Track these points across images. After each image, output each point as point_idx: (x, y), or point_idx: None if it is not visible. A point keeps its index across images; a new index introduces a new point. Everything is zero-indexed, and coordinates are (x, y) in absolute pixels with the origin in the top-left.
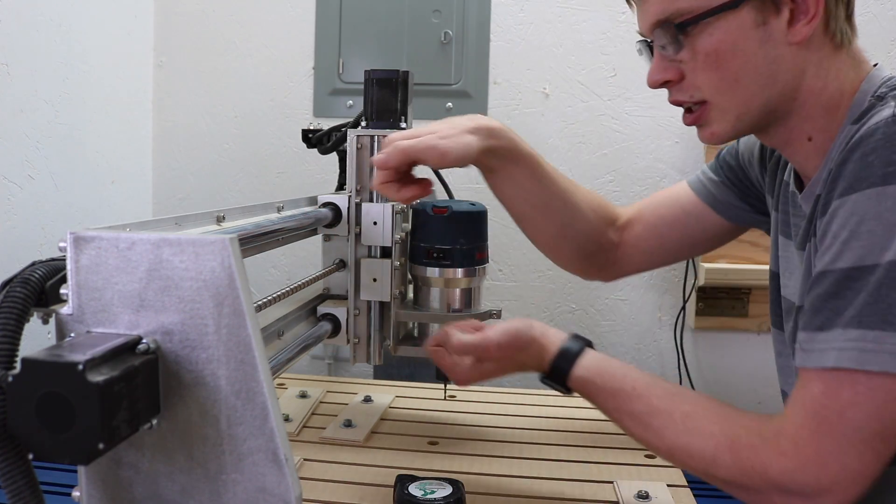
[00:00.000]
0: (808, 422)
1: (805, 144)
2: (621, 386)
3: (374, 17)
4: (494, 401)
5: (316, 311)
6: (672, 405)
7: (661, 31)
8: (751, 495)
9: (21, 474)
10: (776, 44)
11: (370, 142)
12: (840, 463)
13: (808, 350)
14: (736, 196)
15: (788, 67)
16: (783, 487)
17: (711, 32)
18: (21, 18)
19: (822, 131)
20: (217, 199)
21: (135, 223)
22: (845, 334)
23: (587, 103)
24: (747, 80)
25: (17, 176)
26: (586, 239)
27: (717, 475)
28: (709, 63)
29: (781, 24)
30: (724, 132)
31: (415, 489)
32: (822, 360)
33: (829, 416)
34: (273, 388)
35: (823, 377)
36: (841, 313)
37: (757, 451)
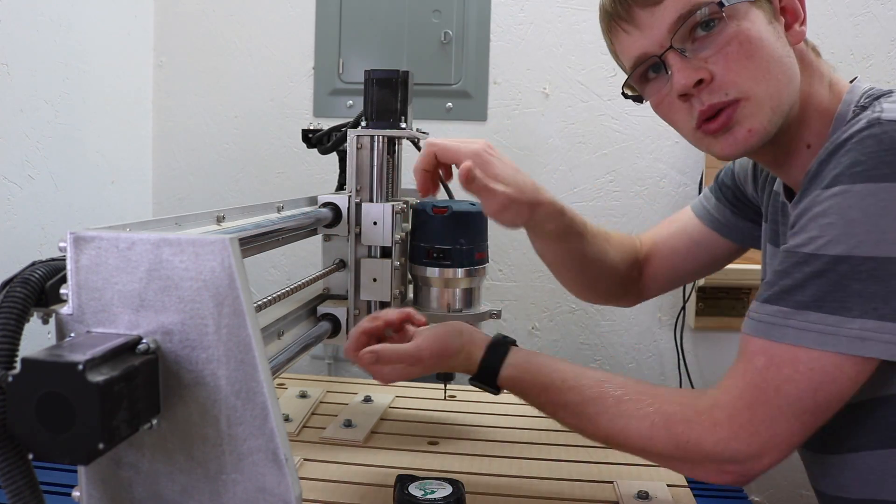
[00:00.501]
0: (746, 393)
1: (804, 152)
2: (550, 380)
3: (374, 17)
4: (494, 401)
5: (316, 311)
6: (603, 391)
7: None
8: (686, 467)
9: (21, 474)
10: (784, 43)
11: (370, 142)
12: (770, 431)
13: (755, 319)
14: (737, 216)
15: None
16: (717, 457)
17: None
18: (21, 18)
19: (819, 137)
20: (217, 199)
21: (135, 223)
22: (804, 315)
23: (587, 103)
24: (775, 70)
25: (17, 176)
26: (613, 281)
27: (654, 451)
28: (742, 51)
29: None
30: (762, 127)
31: (415, 489)
32: (770, 333)
33: (766, 388)
34: (273, 388)
35: (769, 352)
36: (793, 293)
37: (691, 425)
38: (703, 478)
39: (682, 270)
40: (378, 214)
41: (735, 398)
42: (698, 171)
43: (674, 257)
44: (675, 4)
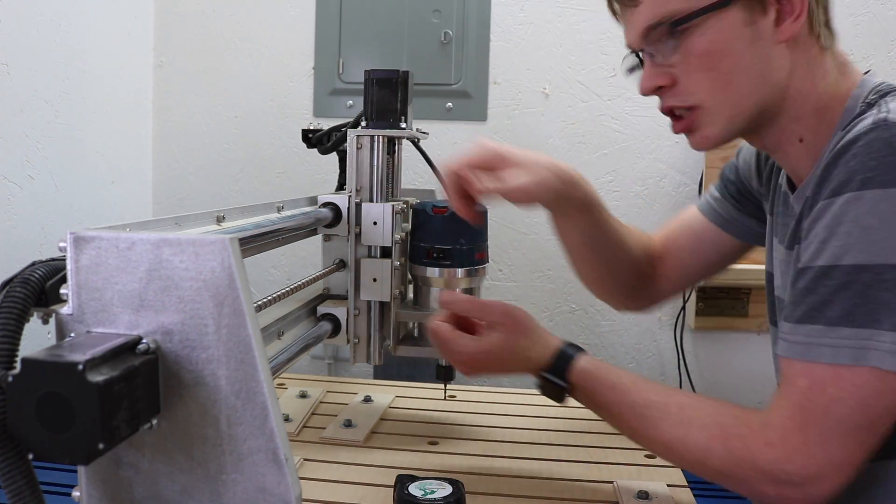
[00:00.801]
0: (795, 414)
1: (796, 146)
2: (620, 380)
3: (374, 17)
4: (494, 401)
5: (316, 311)
6: (668, 397)
7: (654, 34)
8: (744, 486)
9: (21, 474)
10: (765, 43)
11: (370, 142)
12: (825, 453)
13: (792, 342)
14: (740, 212)
15: (778, 66)
16: (773, 477)
17: (703, 32)
18: (21, 18)
19: (813, 133)
20: (217, 199)
21: (135, 223)
22: (837, 332)
23: (587, 103)
24: (739, 79)
25: (17, 176)
26: (630, 276)
27: (711, 465)
28: (702, 63)
29: (769, 24)
30: (715, 135)
31: (415, 489)
32: (807, 354)
33: (814, 409)
34: (273, 388)
35: (809, 372)
36: (823, 310)
37: (745, 441)
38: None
39: (692, 268)
40: (378, 214)
41: (785, 419)
42: (698, 171)
43: (681, 254)
44: (647, 11)
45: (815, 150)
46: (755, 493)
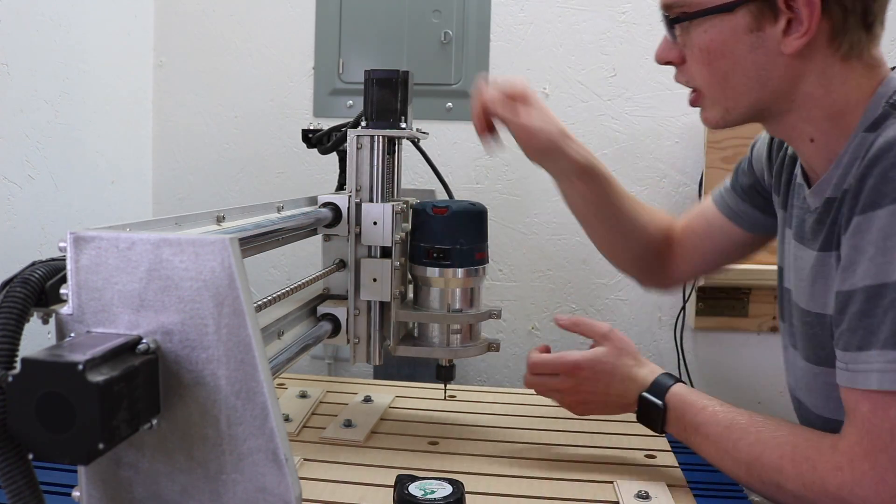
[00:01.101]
0: (862, 440)
1: (807, 144)
2: (710, 402)
3: (374, 17)
4: (494, 401)
5: (316, 311)
6: (750, 418)
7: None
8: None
9: (21, 474)
10: (768, 51)
11: (370, 142)
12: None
13: (852, 371)
14: (751, 206)
15: (780, 75)
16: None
17: (706, 30)
18: (21, 18)
19: (825, 135)
20: (217, 199)
21: (135, 223)
22: (884, 356)
23: (587, 103)
24: (736, 80)
25: (17, 176)
26: (645, 250)
27: (785, 487)
28: (701, 58)
29: (776, 33)
30: (715, 120)
31: (415, 489)
32: (866, 382)
33: (881, 434)
34: (273, 388)
35: (869, 398)
36: (875, 333)
37: (814, 465)
38: None
39: (705, 252)
40: (378, 214)
41: (853, 444)
42: (698, 172)
43: (697, 240)
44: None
45: (830, 151)
46: None
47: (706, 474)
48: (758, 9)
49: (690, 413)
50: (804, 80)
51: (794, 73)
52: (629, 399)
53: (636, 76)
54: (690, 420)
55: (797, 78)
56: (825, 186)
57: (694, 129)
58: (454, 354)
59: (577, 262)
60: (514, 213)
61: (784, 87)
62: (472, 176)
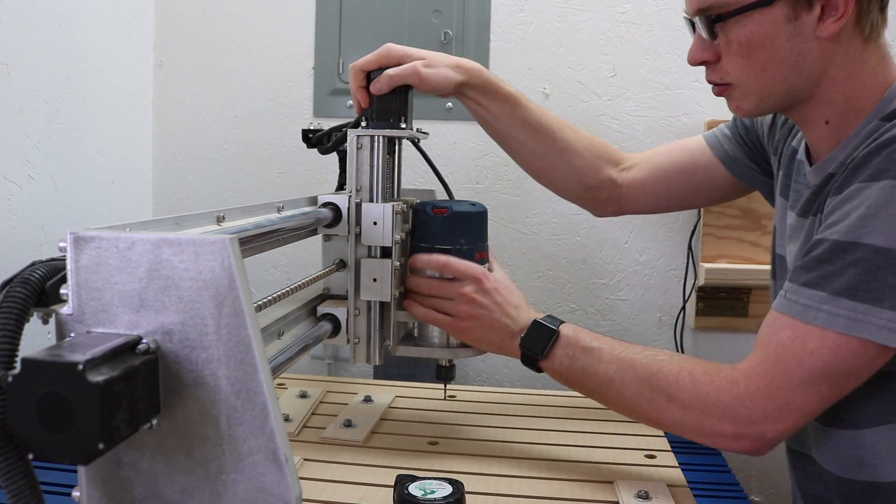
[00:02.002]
0: (766, 360)
1: (821, 126)
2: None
3: (374, 17)
4: (494, 401)
5: (316, 311)
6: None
7: (702, 18)
8: (703, 424)
9: (21, 474)
10: (805, 38)
11: (370, 142)
12: (786, 397)
13: (792, 300)
14: (745, 155)
15: (814, 59)
16: (732, 413)
17: (745, 24)
18: (21, 18)
19: (841, 117)
20: (217, 199)
21: (135, 223)
22: (835, 301)
23: (587, 103)
24: (773, 69)
25: (17, 176)
26: (580, 173)
27: (678, 399)
28: (740, 51)
29: (812, 20)
30: (746, 109)
31: (415, 489)
32: (804, 315)
33: (789, 358)
34: (273, 388)
35: (797, 327)
36: (830, 280)
37: (712, 378)
38: (722, 444)
39: (675, 186)
40: (378, 214)
41: (755, 364)
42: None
43: (669, 170)
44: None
45: (840, 132)
46: (713, 432)
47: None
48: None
49: (585, 340)
50: (833, 63)
51: (827, 56)
52: (519, 324)
53: (636, 76)
54: (584, 345)
55: (828, 62)
56: (829, 164)
57: (694, 129)
58: (454, 354)
59: (577, 262)
60: (514, 213)
61: (817, 71)
62: (472, 176)
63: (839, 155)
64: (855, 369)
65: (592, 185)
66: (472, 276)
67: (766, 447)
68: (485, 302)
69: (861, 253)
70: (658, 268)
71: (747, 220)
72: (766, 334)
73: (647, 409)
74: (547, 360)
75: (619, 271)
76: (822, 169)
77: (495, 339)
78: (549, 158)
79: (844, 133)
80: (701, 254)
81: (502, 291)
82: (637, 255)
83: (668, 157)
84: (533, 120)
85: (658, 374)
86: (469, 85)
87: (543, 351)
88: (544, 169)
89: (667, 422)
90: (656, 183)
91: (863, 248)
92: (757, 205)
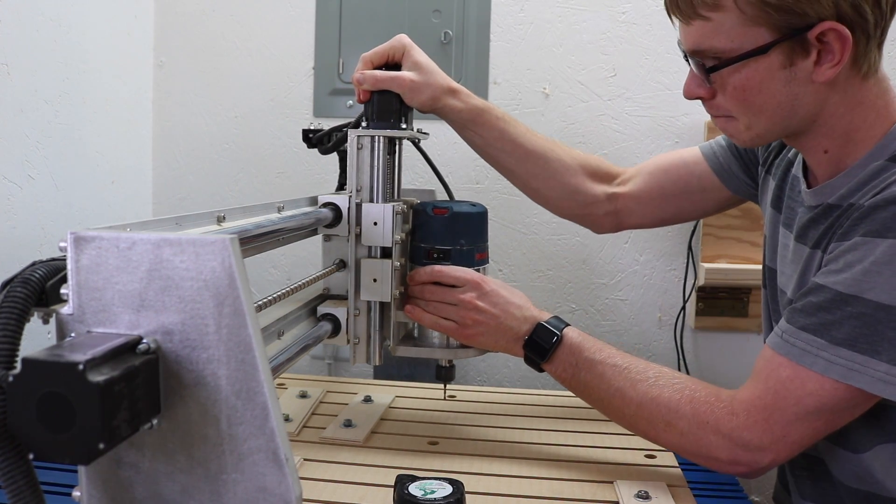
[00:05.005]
0: (765, 395)
1: (820, 154)
2: (606, 345)
3: (374, 17)
4: (494, 401)
5: (316, 311)
6: (650, 365)
7: (696, 60)
8: (700, 449)
9: (21, 474)
10: (800, 83)
11: (370, 142)
12: (783, 431)
13: (790, 343)
14: (740, 168)
15: (810, 101)
16: (730, 441)
17: (740, 70)
18: (21, 18)
19: (840, 148)
20: (217, 199)
21: (135, 223)
22: (837, 351)
23: (587, 103)
24: (770, 111)
25: (17, 176)
26: (575, 191)
27: (676, 426)
28: (736, 95)
29: (808, 65)
30: (748, 141)
31: (415, 489)
32: (802, 359)
33: (787, 396)
34: (273, 388)
35: (794, 369)
36: (829, 329)
37: (712, 407)
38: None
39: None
40: (378, 215)
41: (754, 397)
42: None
43: (663, 180)
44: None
45: (839, 162)
46: (710, 457)
47: (706, 474)
48: (789, 47)
49: (588, 350)
50: (829, 101)
51: (823, 97)
52: (526, 325)
53: (636, 76)
54: (587, 356)
55: (824, 101)
56: (828, 192)
57: (694, 129)
58: (454, 355)
59: (576, 262)
60: (514, 213)
61: (813, 111)
62: (472, 176)
63: (840, 186)
64: (849, 408)
65: (589, 202)
66: (472, 282)
67: (758, 473)
68: (487, 307)
69: (862, 307)
70: (658, 268)
71: (747, 220)
72: (764, 370)
73: (646, 430)
74: (549, 364)
75: (619, 271)
76: (820, 195)
77: (501, 341)
78: (543, 179)
79: (844, 163)
80: (701, 254)
81: (503, 293)
82: (637, 255)
83: (661, 167)
84: (523, 143)
85: (657, 399)
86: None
87: (546, 356)
88: (538, 190)
89: (665, 443)
90: (651, 193)
91: (864, 302)
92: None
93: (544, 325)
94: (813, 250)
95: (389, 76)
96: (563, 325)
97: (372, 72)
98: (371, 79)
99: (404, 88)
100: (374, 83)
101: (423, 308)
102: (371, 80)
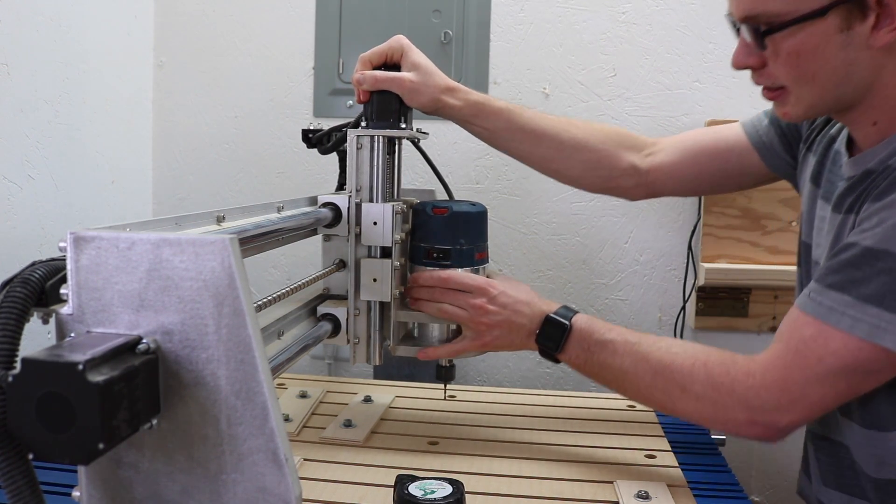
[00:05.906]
0: (785, 354)
1: (869, 127)
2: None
3: (374, 17)
4: (494, 401)
5: (316, 311)
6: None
7: (749, 26)
8: (717, 412)
9: (21, 474)
10: (857, 48)
11: (370, 142)
12: (802, 391)
13: (816, 301)
14: (782, 145)
15: (865, 67)
16: (747, 403)
17: (795, 34)
18: (21, 18)
19: (890, 119)
20: (217, 199)
21: (135, 223)
22: (864, 308)
23: (587, 103)
24: (824, 78)
25: (17, 176)
26: (597, 167)
27: (692, 390)
28: (790, 61)
29: (865, 29)
30: (797, 115)
31: (415, 489)
32: (828, 317)
33: (808, 355)
34: (273, 388)
35: (820, 327)
36: (857, 285)
37: (727, 368)
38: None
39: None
40: (378, 215)
41: (774, 357)
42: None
43: (699, 154)
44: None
45: (885, 132)
46: (727, 420)
47: (706, 474)
48: (847, 9)
49: (598, 332)
50: (885, 69)
51: (878, 64)
52: (536, 320)
53: (636, 76)
54: (597, 338)
55: (880, 68)
56: (869, 158)
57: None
58: None
59: (576, 262)
60: (514, 213)
61: (868, 79)
62: (472, 176)
63: (881, 151)
64: (874, 371)
65: (614, 176)
66: (480, 287)
67: (778, 435)
68: (497, 309)
69: (892, 262)
70: (658, 268)
71: (747, 220)
72: (787, 330)
73: (663, 400)
74: (563, 353)
75: (619, 271)
76: (860, 163)
77: (516, 340)
78: (561, 160)
79: (889, 131)
80: (701, 254)
81: (510, 293)
82: (637, 255)
83: (699, 141)
84: (532, 128)
85: (671, 365)
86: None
87: (558, 346)
88: (560, 171)
89: (682, 411)
90: (685, 166)
91: (894, 257)
92: (757, 205)
93: (553, 316)
94: (846, 215)
95: (389, 77)
96: (572, 314)
97: (372, 72)
98: (371, 79)
99: (404, 90)
100: (374, 83)
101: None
102: (371, 80)
